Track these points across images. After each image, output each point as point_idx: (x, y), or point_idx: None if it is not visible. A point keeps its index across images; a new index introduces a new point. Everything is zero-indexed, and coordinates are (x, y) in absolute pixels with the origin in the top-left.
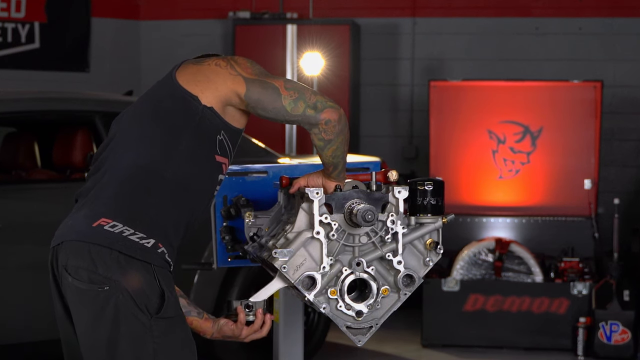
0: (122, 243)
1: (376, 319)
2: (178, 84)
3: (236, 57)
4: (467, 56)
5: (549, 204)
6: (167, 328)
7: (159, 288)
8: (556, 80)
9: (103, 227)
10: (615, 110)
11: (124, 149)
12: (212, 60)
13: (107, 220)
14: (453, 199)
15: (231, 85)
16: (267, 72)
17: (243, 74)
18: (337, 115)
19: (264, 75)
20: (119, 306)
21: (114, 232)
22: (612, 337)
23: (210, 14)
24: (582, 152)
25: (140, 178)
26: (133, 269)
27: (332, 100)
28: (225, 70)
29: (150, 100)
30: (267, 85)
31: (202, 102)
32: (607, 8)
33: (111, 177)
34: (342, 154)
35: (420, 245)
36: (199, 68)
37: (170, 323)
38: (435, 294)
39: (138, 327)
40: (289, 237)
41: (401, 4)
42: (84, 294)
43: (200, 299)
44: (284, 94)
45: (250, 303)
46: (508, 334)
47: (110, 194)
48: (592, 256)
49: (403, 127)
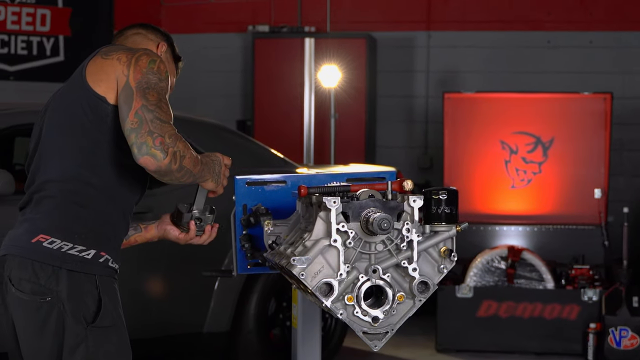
0: (61, 259)
1: (392, 325)
2: (87, 85)
3: (140, 55)
4: (481, 69)
5: (560, 212)
6: (102, 337)
7: (98, 297)
8: (567, 92)
9: (42, 244)
10: (624, 121)
11: (50, 162)
12: (118, 53)
13: (45, 236)
14: (467, 207)
15: (119, 84)
16: (155, 84)
17: (130, 77)
18: (154, 167)
19: (142, 87)
20: (60, 317)
21: (52, 249)
22: (621, 343)
23: (230, 27)
24: (592, 162)
25: (70, 192)
26: (73, 280)
27: (166, 147)
28: (120, 67)
29: (62, 105)
30: (128, 100)
31: (110, 102)
32: (617, 22)
33: (45, 193)
34: (186, 176)
35: (435, 253)
36: (103, 63)
37: (105, 332)
38: (449, 301)
39: (76, 336)
40: (307, 244)
41: (416, 17)
42: (26, 304)
43: (220, 305)
44: (129, 118)
45: (201, 217)
46: (520, 340)
47: (45, 210)
48: (602, 263)
49: (418, 137)
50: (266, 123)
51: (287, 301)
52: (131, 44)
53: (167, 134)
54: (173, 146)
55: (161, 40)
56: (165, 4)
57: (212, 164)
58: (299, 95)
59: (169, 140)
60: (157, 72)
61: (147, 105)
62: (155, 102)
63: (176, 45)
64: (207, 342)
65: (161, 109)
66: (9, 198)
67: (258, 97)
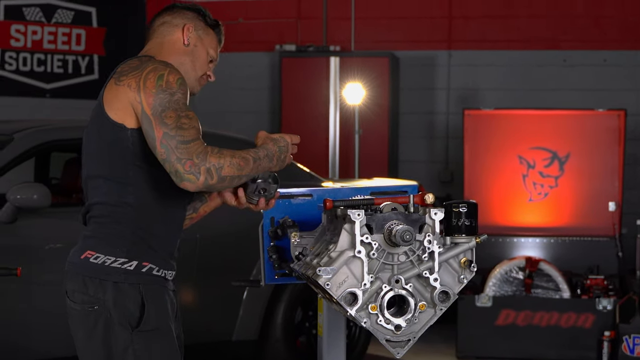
0: (106, 271)
1: (414, 333)
2: (105, 114)
3: (147, 75)
4: (500, 86)
5: (576, 225)
6: (148, 340)
7: (142, 303)
8: (582, 109)
9: (89, 260)
10: (638, 137)
11: (91, 185)
12: (128, 78)
13: (91, 252)
14: (486, 220)
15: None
16: (169, 102)
17: (144, 103)
18: (194, 189)
19: (157, 113)
20: (107, 323)
21: (97, 263)
22: (635, 350)
23: (259, 46)
24: (606, 176)
25: (110, 212)
26: (118, 290)
27: (197, 168)
28: (132, 94)
29: (91, 131)
30: (150, 131)
31: (129, 127)
32: (631, 41)
33: (92, 214)
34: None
35: (455, 264)
36: (117, 91)
37: (150, 336)
38: (469, 309)
39: (123, 341)
40: (332, 256)
41: (438, 37)
42: (78, 313)
43: (249, 313)
44: (157, 150)
45: (265, 187)
46: (537, 347)
47: (91, 229)
48: (616, 274)
49: (439, 153)
50: None
51: (313, 310)
52: (159, 37)
53: (194, 154)
54: (204, 164)
55: (187, 22)
56: None
57: (278, 151)
58: (324, 112)
59: (198, 160)
60: (167, 88)
61: (168, 132)
62: (174, 125)
63: (208, 13)
64: (236, 349)
65: (182, 129)
66: (45, 210)
67: (285, 113)
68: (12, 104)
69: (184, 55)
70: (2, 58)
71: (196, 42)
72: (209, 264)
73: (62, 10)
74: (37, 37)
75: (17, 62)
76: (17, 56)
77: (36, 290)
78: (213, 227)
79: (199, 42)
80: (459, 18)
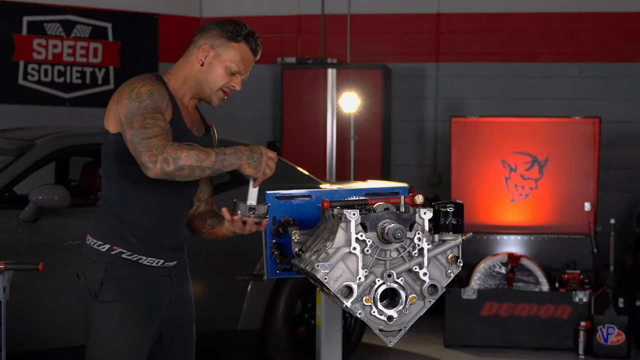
0: (90, 252)
1: (405, 323)
2: (103, 124)
3: (122, 89)
4: (484, 96)
5: (554, 223)
6: (105, 310)
7: (103, 279)
8: (560, 117)
9: (86, 242)
10: (611, 142)
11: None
12: (115, 94)
13: (88, 236)
14: (471, 219)
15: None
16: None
17: (120, 113)
18: (152, 175)
19: (128, 119)
20: (85, 295)
21: (89, 245)
22: (608, 339)
23: (262, 59)
24: (582, 179)
25: (101, 203)
26: (93, 267)
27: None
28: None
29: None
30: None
31: (111, 132)
32: (605, 54)
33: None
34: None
35: (443, 259)
36: (109, 105)
37: (107, 307)
38: (455, 301)
39: (89, 309)
40: (329, 252)
41: (426, 50)
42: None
43: (252, 305)
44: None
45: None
46: (519, 336)
47: (93, 217)
48: (591, 269)
49: (428, 157)
50: (293, 144)
51: (311, 302)
52: (185, 56)
53: (153, 147)
54: (161, 154)
55: (206, 42)
56: None
57: (249, 152)
58: (322, 119)
59: (156, 152)
60: (136, 97)
61: (133, 132)
62: (140, 126)
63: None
64: (241, 338)
65: (146, 128)
66: (65, 210)
67: (286, 120)
68: (34, 112)
69: (199, 73)
70: (25, 70)
71: (212, 60)
72: (217, 260)
73: (81, 25)
74: (57, 51)
75: (38, 74)
76: (39, 68)
77: (56, 284)
78: None
79: (216, 59)
80: (446, 33)
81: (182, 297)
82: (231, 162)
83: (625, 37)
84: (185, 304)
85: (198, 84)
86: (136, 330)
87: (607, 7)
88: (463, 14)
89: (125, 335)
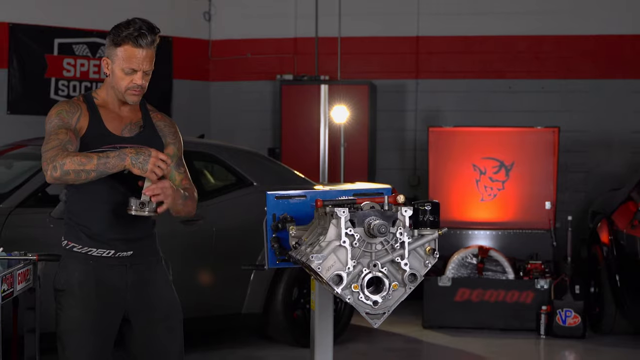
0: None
1: (388, 307)
2: None
3: (51, 112)
4: (458, 108)
5: (519, 220)
6: (60, 298)
7: (57, 270)
8: (524, 127)
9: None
10: (568, 149)
11: None
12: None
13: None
14: (446, 216)
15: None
16: (47, 129)
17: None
18: (49, 180)
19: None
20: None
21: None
22: (566, 321)
23: (263, 76)
24: (543, 181)
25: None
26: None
27: (46, 165)
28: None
29: None
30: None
31: None
32: (563, 71)
33: None
34: (82, 174)
35: (422, 251)
36: None
37: (61, 294)
38: (432, 288)
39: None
40: (322, 245)
41: (407, 69)
42: None
43: (255, 291)
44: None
45: (144, 201)
46: (488, 319)
47: None
48: (552, 259)
49: (408, 162)
50: (291, 150)
51: (307, 289)
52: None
53: (48, 157)
54: (52, 162)
55: (104, 56)
56: (213, 58)
57: (135, 154)
58: (316, 129)
59: (49, 160)
60: (48, 120)
61: (42, 147)
62: (45, 142)
63: (112, 34)
64: (244, 320)
65: (47, 144)
66: None
67: (284, 130)
68: None
69: (110, 82)
70: (56, 86)
71: (110, 68)
72: (223, 252)
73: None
74: (84, 69)
75: (68, 89)
76: (68, 84)
77: None
78: (226, 222)
79: (112, 66)
80: (425, 54)
81: (145, 283)
82: (115, 164)
83: (582, 57)
84: (152, 289)
85: (113, 90)
86: (86, 314)
87: (565, 31)
88: (439, 37)
89: (75, 318)
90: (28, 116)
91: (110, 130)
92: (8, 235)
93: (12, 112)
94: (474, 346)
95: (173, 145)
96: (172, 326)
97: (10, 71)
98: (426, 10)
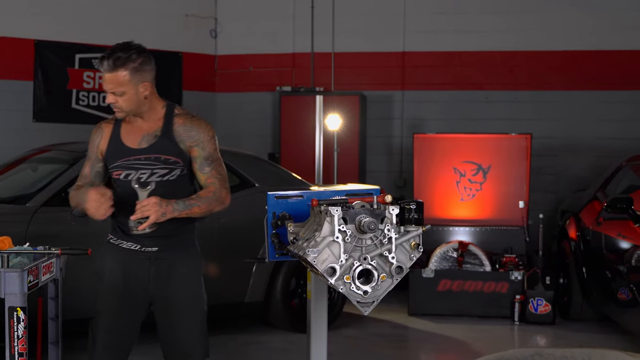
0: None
1: (377, 296)
2: None
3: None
4: (440, 117)
5: (495, 217)
6: (98, 282)
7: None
8: (500, 133)
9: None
10: (540, 154)
11: None
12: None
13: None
14: (429, 214)
15: None
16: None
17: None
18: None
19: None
20: None
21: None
22: (538, 309)
23: (263, 88)
24: (517, 182)
25: None
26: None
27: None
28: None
29: None
30: None
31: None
32: (535, 83)
33: None
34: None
35: (407, 246)
36: None
37: (98, 280)
38: (417, 279)
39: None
40: (317, 240)
41: (394, 81)
42: None
43: (257, 282)
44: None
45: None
46: (467, 307)
47: None
48: (524, 253)
49: (395, 165)
50: (289, 155)
51: (303, 280)
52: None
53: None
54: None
55: None
56: (219, 71)
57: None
58: (312, 136)
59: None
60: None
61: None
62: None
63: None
64: (247, 308)
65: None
66: None
67: (283, 136)
68: (84, 130)
69: None
70: (77, 96)
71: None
72: (228, 246)
73: None
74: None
75: (87, 99)
76: (88, 95)
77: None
78: (229, 219)
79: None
80: (410, 67)
81: (167, 277)
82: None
83: (551, 70)
84: (173, 282)
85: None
86: (111, 297)
87: (536, 47)
88: (423, 52)
89: (103, 299)
90: (52, 124)
91: (126, 145)
92: (34, 232)
93: (37, 120)
94: (454, 332)
95: (196, 147)
96: (189, 319)
97: (36, 83)
98: (411, 29)
